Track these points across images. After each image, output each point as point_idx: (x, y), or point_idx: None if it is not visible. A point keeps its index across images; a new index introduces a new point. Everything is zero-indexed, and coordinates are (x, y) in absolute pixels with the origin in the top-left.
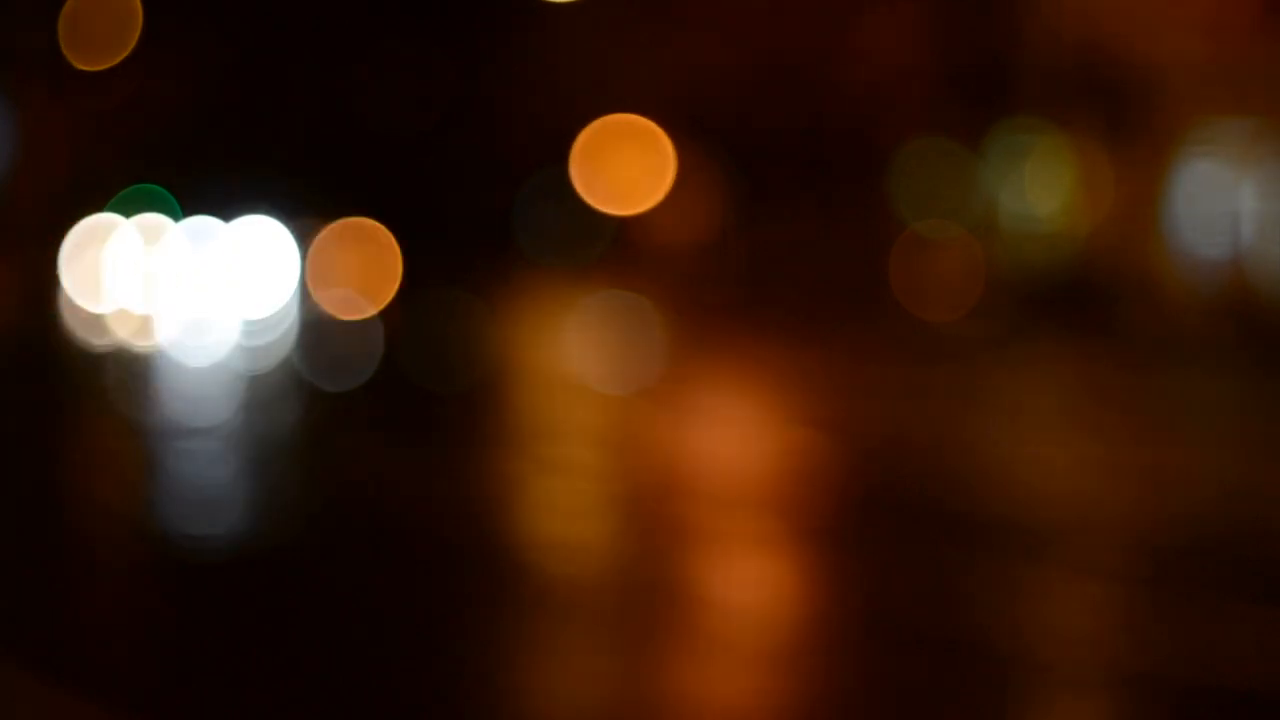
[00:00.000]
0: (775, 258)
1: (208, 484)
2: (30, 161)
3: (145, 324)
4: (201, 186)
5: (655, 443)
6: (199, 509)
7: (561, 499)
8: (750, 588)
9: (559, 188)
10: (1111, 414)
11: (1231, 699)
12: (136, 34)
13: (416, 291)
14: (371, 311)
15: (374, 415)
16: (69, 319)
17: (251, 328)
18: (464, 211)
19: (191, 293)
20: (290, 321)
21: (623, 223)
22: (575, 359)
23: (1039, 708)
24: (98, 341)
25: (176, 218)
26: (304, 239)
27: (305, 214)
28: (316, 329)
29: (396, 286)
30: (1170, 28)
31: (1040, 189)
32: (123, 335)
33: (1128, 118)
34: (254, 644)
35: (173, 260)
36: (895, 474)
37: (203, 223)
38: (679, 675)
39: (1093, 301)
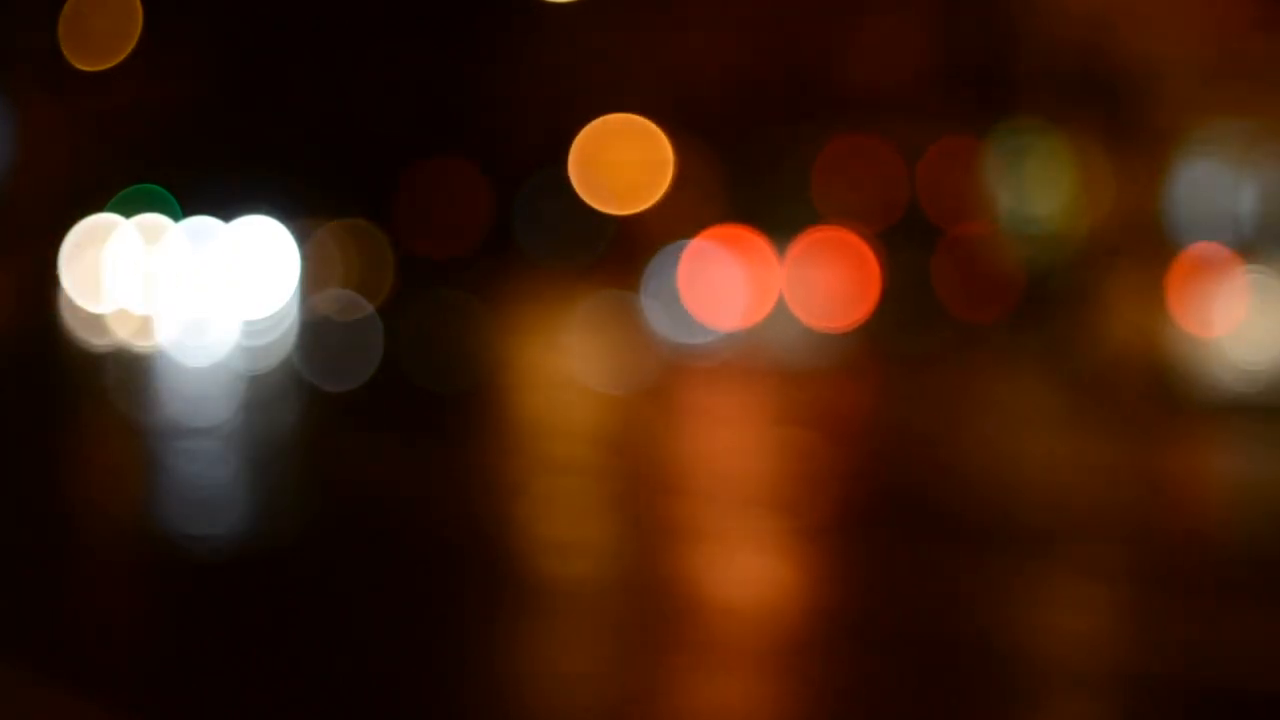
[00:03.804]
0: None
1: (208, 484)
2: (30, 161)
3: (145, 324)
4: (201, 186)
5: (655, 443)
6: (199, 509)
7: (561, 499)
8: (750, 587)
9: (558, 187)
10: (1111, 413)
11: (1232, 699)
12: (136, 34)
13: (416, 291)
14: (370, 311)
15: (374, 415)
16: (69, 319)
17: (251, 328)
18: (464, 211)
19: (191, 293)
20: (290, 321)
21: (622, 222)
22: (575, 359)
23: (1039, 708)
24: (98, 341)
25: (176, 218)
26: (304, 239)
27: (305, 214)
28: (316, 329)
29: (395, 286)
30: (1170, 27)
31: (1040, 189)
32: (123, 335)
33: (1128, 117)
34: (254, 644)
35: (173, 260)
36: (895, 473)
37: (203, 223)
38: (679, 675)
39: (1090, 301)
